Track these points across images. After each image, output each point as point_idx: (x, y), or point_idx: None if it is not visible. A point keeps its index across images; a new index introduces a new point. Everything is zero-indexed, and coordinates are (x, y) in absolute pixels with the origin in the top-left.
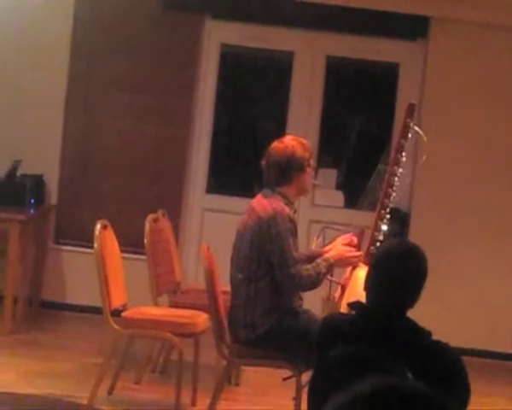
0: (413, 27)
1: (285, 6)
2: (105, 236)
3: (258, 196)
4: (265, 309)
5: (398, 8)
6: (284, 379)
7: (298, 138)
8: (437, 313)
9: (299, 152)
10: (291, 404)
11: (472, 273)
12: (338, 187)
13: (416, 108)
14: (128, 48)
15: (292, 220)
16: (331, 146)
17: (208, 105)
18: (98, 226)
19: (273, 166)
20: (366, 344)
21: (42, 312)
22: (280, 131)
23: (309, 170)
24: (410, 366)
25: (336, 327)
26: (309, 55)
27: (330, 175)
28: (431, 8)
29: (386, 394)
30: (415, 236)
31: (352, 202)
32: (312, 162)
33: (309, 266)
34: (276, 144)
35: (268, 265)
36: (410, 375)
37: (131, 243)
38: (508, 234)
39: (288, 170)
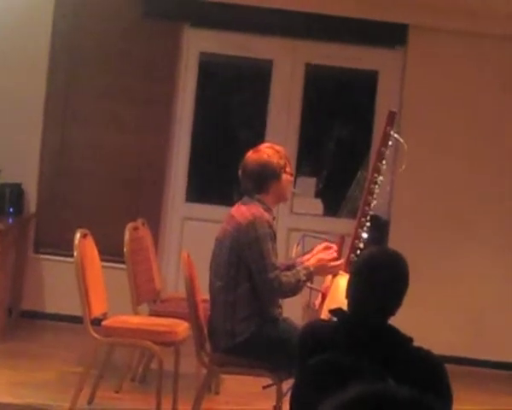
0: (392, 35)
1: (264, 14)
2: (85, 244)
3: (238, 204)
4: (245, 316)
5: (376, 16)
6: (264, 387)
7: (273, 146)
8: (418, 320)
9: (274, 160)
10: None
11: (452, 280)
12: (317, 195)
13: (396, 115)
14: (106, 57)
15: (271, 226)
16: (310, 154)
17: (187, 114)
18: (78, 235)
19: (249, 176)
20: (348, 351)
21: (22, 321)
22: (259, 140)
23: (285, 176)
24: (391, 372)
25: (317, 334)
26: (288, 63)
27: (309, 183)
28: (410, 16)
29: (374, 400)
30: (394, 243)
31: (331, 210)
32: (289, 169)
33: (288, 273)
34: (250, 154)
35: (247, 271)
36: (391, 381)
37: (111, 251)
38: (488, 240)
39: (264, 179)
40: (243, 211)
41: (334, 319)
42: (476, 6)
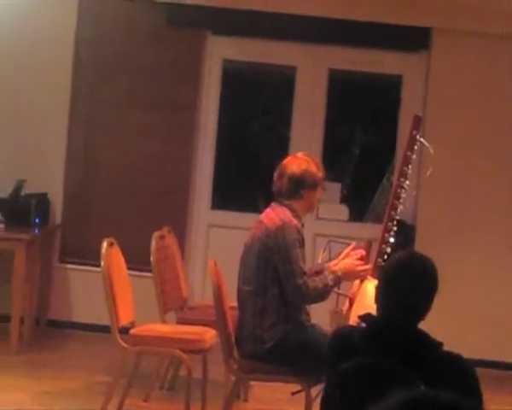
0: (415, 39)
1: (286, 20)
2: (111, 253)
3: (267, 210)
4: (273, 322)
5: (400, 21)
6: (293, 394)
7: (313, 157)
8: (442, 324)
9: (314, 169)
10: None
11: (478, 284)
12: (342, 201)
13: (421, 120)
14: (131, 64)
15: (299, 232)
16: (334, 159)
17: (211, 120)
18: (104, 244)
19: (287, 179)
20: (378, 356)
21: (48, 331)
22: (283, 146)
23: (319, 189)
24: (422, 377)
25: (347, 339)
26: (311, 69)
27: (334, 189)
28: (433, 20)
29: (415, 405)
30: (420, 247)
31: (356, 215)
32: (323, 184)
33: (316, 279)
34: (291, 158)
35: (275, 276)
36: (422, 387)
37: (137, 260)
38: None
39: (301, 185)
40: (272, 216)
41: (363, 324)
42: (500, 8)
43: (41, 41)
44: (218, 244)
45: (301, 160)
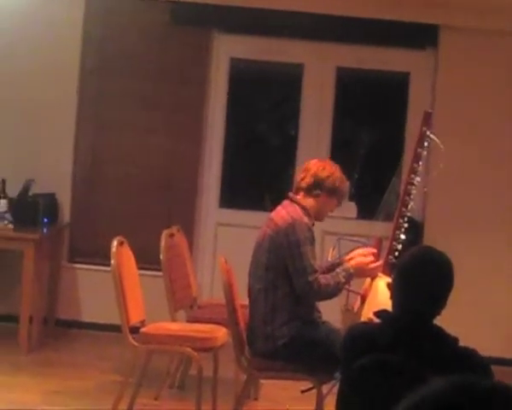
0: (422, 36)
1: (293, 18)
2: (121, 252)
3: (278, 208)
4: (285, 320)
5: (407, 18)
6: (303, 391)
7: (341, 172)
8: (457, 321)
9: (338, 179)
10: None
11: (487, 281)
12: (351, 198)
13: (431, 116)
14: (138, 64)
15: (310, 229)
16: (342, 157)
17: (219, 119)
18: (115, 243)
19: (310, 175)
20: (394, 352)
21: (57, 331)
22: (291, 144)
23: (335, 201)
24: (437, 372)
25: (362, 336)
26: (319, 67)
27: None
28: (440, 17)
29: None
30: (429, 245)
31: (364, 212)
32: (341, 198)
33: (328, 275)
34: (320, 160)
35: (286, 273)
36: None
37: (146, 259)
38: None
39: (322, 185)
40: (283, 214)
41: (377, 320)
42: (507, 4)
43: (48, 40)
44: (226, 242)
45: (330, 165)
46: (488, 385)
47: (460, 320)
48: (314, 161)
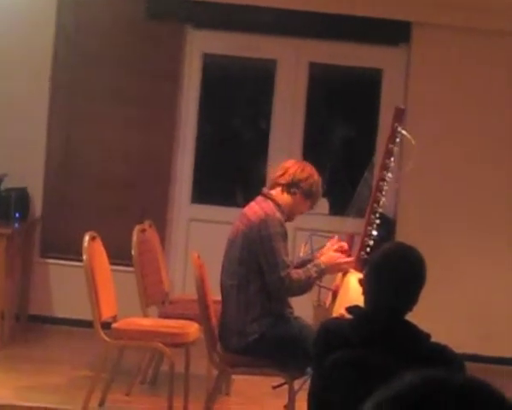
0: (395, 33)
1: (267, 14)
2: (93, 247)
3: (251, 203)
4: (256, 316)
5: (379, 14)
6: (274, 387)
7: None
8: (428, 317)
9: (316, 183)
10: None
11: (459, 278)
12: (323, 194)
13: (403, 112)
14: (110, 58)
15: (282, 225)
16: (315, 153)
17: (191, 114)
18: (87, 238)
19: (289, 173)
20: (366, 348)
21: (29, 326)
22: (263, 140)
23: (308, 204)
24: (411, 368)
25: (335, 332)
26: (292, 63)
27: None
28: (413, 14)
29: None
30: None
31: (336, 208)
32: (315, 202)
33: (299, 271)
34: (301, 162)
35: (258, 269)
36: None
37: (118, 254)
38: (497, 237)
39: (299, 185)
40: (256, 210)
41: (349, 316)
42: (479, 2)
43: (20, 31)
44: (198, 238)
45: (310, 169)
46: (461, 380)
47: (434, 317)
48: (293, 161)
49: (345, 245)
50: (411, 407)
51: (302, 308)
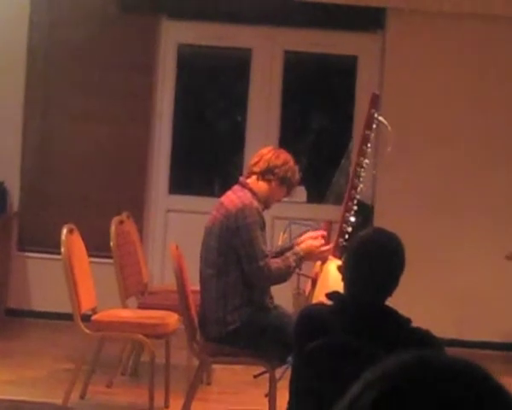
0: (370, 19)
1: (241, 3)
2: (72, 240)
3: (228, 192)
4: (236, 305)
5: (354, 1)
6: (255, 376)
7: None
8: (404, 302)
9: (292, 169)
10: (264, 400)
11: (436, 263)
12: (300, 182)
13: (379, 98)
14: (85, 51)
15: (260, 214)
16: (291, 142)
17: (167, 106)
18: (64, 231)
19: (264, 160)
20: (346, 333)
21: (7, 320)
22: (239, 129)
23: (284, 190)
24: (391, 353)
25: (315, 318)
26: (267, 51)
27: None
28: (387, 0)
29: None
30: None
31: (314, 196)
32: (291, 189)
33: (278, 260)
34: (277, 149)
35: (237, 258)
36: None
37: (96, 246)
38: (473, 222)
39: (274, 171)
40: (233, 199)
41: (329, 302)
42: None
43: None
44: (176, 228)
45: (286, 155)
46: (448, 359)
47: (413, 302)
48: (269, 149)
49: (323, 233)
50: (405, 384)
51: (282, 297)
